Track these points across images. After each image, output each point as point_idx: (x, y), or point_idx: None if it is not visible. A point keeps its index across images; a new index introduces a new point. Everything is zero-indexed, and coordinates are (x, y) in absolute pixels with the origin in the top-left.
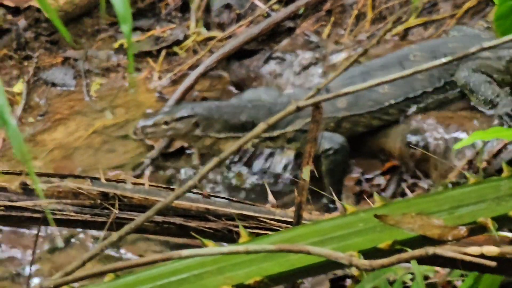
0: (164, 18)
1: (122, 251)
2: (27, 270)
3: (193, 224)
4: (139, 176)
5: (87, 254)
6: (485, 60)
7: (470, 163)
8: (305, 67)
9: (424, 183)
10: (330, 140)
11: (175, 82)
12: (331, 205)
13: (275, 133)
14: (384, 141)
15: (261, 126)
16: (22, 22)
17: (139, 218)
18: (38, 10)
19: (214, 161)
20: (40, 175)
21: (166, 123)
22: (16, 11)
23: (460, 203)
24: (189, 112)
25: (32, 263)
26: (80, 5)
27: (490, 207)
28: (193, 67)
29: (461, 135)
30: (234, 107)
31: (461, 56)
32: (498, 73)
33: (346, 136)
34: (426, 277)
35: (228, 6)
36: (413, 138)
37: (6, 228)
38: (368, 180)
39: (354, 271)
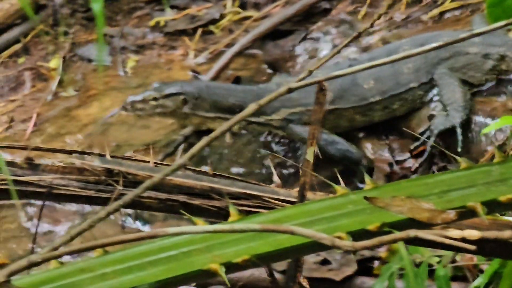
0: None
1: (153, 228)
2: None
3: (197, 202)
4: (171, 154)
5: (75, 229)
6: (472, 57)
7: (500, 147)
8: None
9: (454, 167)
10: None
11: (210, 60)
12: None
13: (261, 118)
14: (416, 123)
15: (252, 106)
16: None
17: (128, 195)
18: None
19: (204, 140)
20: (45, 150)
21: (155, 99)
22: None
23: (450, 188)
24: (178, 90)
25: (35, 237)
26: None
27: (480, 192)
28: (228, 46)
29: (491, 120)
30: (224, 89)
31: (451, 42)
32: (482, 72)
33: (329, 128)
34: (453, 261)
35: None
36: None
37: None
38: (399, 162)
39: (381, 253)
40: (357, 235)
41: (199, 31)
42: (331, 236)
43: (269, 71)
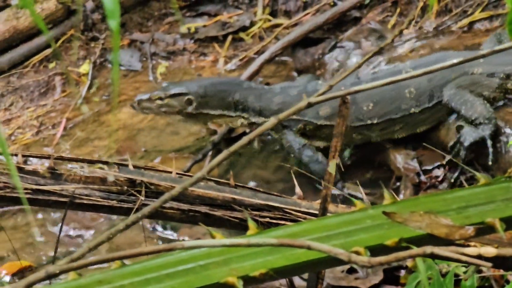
0: (231, 4)
1: (178, 235)
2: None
3: (218, 213)
4: (200, 161)
5: (93, 241)
6: (477, 77)
7: None
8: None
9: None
10: (300, 151)
11: (240, 67)
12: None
13: (260, 120)
14: (444, 134)
15: (272, 120)
16: (89, 4)
17: (145, 208)
18: None
19: (224, 153)
20: (68, 159)
21: (160, 98)
22: None
23: (468, 203)
24: (183, 90)
25: (56, 245)
26: None
27: (498, 208)
28: (258, 53)
29: None
30: (229, 84)
31: (471, 59)
32: (489, 90)
33: (327, 142)
34: (479, 271)
35: None
36: None
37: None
38: (426, 171)
39: (408, 262)
40: (375, 250)
41: (230, 38)
42: (348, 252)
43: None
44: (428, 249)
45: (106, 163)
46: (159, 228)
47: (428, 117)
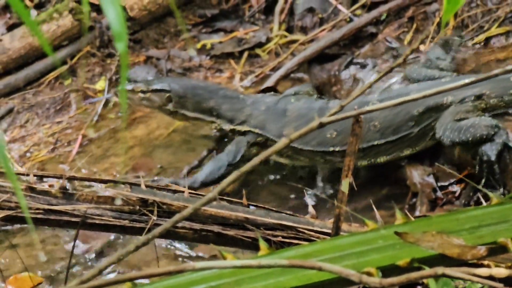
0: (247, 20)
1: (194, 251)
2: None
3: (231, 232)
4: (197, 167)
5: (104, 262)
6: (454, 108)
7: None
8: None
9: (497, 193)
10: (230, 154)
11: (256, 83)
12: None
13: (230, 126)
14: (460, 149)
15: (284, 141)
16: (105, 20)
17: (156, 229)
18: (122, 8)
19: (234, 174)
20: (80, 179)
21: (143, 92)
22: (100, 9)
23: (481, 223)
24: (164, 86)
25: (69, 266)
26: (163, 4)
27: (511, 228)
28: (274, 69)
29: None
30: (208, 91)
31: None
32: (470, 115)
33: (290, 160)
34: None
35: (311, 10)
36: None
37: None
38: (443, 187)
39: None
40: (387, 271)
41: (246, 54)
42: (359, 273)
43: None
44: (440, 269)
45: (119, 182)
46: (175, 245)
47: (389, 149)
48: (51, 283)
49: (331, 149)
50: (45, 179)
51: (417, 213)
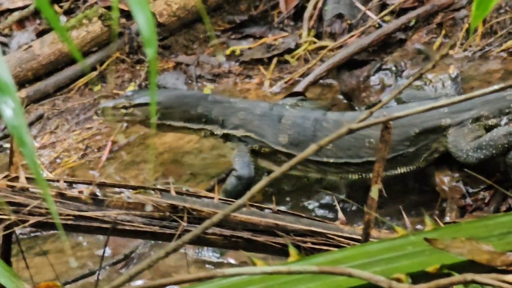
0: (276, 26)
1: (224, 258)
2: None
3: (261, 238)
4: (224, 180)
5: (134, 269)
6: (459, 130)
7: None
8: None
9: None
10: (244, 167)
11: (285, 89)
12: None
13: (223, 131)
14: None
15: (313, 147)
16: (135, 26)
17: (186, 236)
18: (152, 14)
19: (263, 181)
20: (110, 185)
21: (125, 107)
22: (129, 15)
23: (510, 229)
24: (148, 100)
25: (99, 271)
26: (192, 10)
27: None
28: (303, 75)
29: None
30: (195, 98)
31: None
32: (472, 135)
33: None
34: None
35: (340, 16)
36: None
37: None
38: (472, 194)
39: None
40: (416, 277)
41: (275, 60)
42: (388, 279)
43: (345, 101)
44: (469, 276)
45: (148, 188)
46: (206, 251)
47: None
48: None
49: (325, 159)
50: (75, 185)
51: (447, 219)
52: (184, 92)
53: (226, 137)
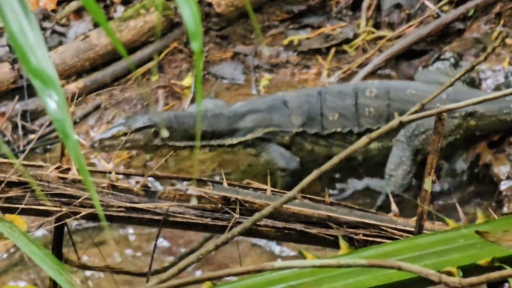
0: (334, 16)
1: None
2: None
3: (313, 230)
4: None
5: (183, 262)
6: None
7: None
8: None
9: None
10: (288, 161)
11: (343, 80)
12: None
13: (235, 140)
14: None
15: (364, 139)
16: None
17: (236, 228)
18: (209, 4)
19: (314, 173)
20: (162, 177)
21: (125, 134)
22: None
23: None
24: (148, 122)
25: (151, 264)
26: (251, 0)
27: None
28: (362, 65)
29: None
30: (193, 117)
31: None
32: (451, 133)
33: (300, 155)
34: None
35: (398, 6)
36: None
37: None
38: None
39: None
40: (467, 270)
41: (333, 50)
42: (439, 272)
43: None
44: None
45: (200, 180)
46: (262, 241)
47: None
48: (133, 281)
49: (333, 130)
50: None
51: (505, 210)
52: (178, 112)
53: (245, 144)
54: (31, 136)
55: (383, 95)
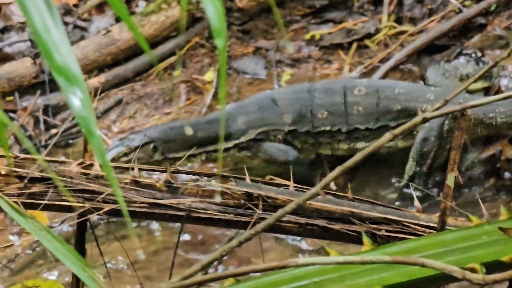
0: (356, 10)
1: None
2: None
3: (336, 226)
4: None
5: (206, 258)
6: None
7: None
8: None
9: None
10: (285, 153)
11: (365, 74)
12: None
13: (229, 144)
14: None
15: (387, 136)
16: None
17: (259, 225)
18: None
19: (337, 170)
20: (185, 173)
21: (125, 155)
22: None
23: None
24: (144, 139)
25: (173, 260)
26: None
27: None
28: (383, 60)
29: None
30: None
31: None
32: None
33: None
34: None
35: (420, 1)
36: None
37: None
38: None
39: None
40: (490, 266)
41: (355, 45)
42: (462, 269)
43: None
44: None
45: (223, 176)
46: (287, 237)
47: (368, 135)
48: (155, 276)
49: (322, 128)
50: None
51: None
52: (172, 124)
53: (239, 147)
54: (53, 131)
55: (372, 94)
